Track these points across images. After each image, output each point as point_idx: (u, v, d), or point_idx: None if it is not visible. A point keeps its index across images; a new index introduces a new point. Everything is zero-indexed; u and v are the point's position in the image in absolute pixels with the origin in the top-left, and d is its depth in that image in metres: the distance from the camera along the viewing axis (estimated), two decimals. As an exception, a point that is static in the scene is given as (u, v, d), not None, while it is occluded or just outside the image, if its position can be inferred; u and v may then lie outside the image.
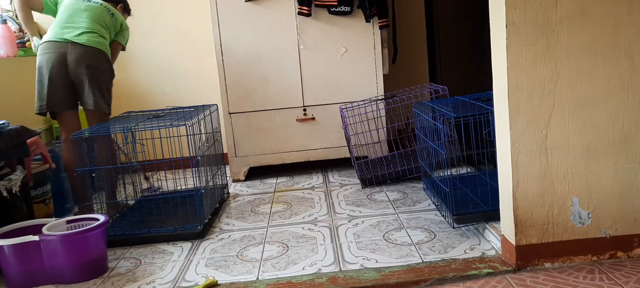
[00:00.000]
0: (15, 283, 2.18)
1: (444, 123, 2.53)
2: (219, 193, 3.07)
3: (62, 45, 2.88)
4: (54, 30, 2.93)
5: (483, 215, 2.36)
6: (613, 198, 1.95)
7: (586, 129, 1.91)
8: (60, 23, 2.95)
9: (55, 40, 2.90)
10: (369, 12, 3.42)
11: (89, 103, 2.94)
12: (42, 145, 2.87)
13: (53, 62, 2.86)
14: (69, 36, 2.90)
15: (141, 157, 2.95)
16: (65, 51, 2.88)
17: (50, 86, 2.87)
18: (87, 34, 2.94)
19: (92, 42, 2.93)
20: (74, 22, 2.95)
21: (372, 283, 1.96)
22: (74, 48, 2.89)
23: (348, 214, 2.75)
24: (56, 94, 2.89)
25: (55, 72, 2.86)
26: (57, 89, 2.88)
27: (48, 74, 2.86)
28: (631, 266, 1.93)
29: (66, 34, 2.91)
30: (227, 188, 3.25)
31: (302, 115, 3.56)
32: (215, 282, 2.07)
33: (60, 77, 2.87)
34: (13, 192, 2.41)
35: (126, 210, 2.98)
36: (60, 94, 2.90)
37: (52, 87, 2.87)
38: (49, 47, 2.89)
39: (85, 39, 2.91)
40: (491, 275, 1.95)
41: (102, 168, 2.78)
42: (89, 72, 2.91)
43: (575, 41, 1.86)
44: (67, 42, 2.89)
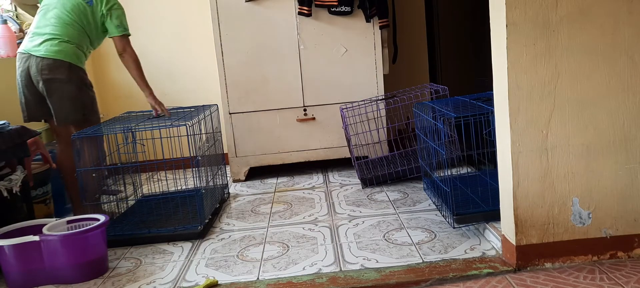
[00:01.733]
0: (16, 283, 2.18)
1: (444, 123, 2.53)
2: (220, 193, 3.07)
3: (26, 58, 2.76)
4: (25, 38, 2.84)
5: (483, 215, 2.36)
6: (613, 198, 1.95)
7: (586, 129, 1.91)
8: (31, 29, 2.83)
9: (21, 52, 2.79)
10: (369, 12, 3.42)
11: (55, 119, 2.79)
12: (42, 145, 2.87)
13: (21, 76, 2.78)
14: (30, 47, 2.75)
15: (141, 157, 2.91)
16: (28, 64, 2.75)
17: (25, 99, 2.81)
18: (47, 42, 2.74)
19: (50, 52, 2.72)
20: (40, 27, 2.79)
21: (372, 283, 1.96)
22: (34, 61, 2.73)
23: (348, 214, 2.75)
24: (32, 107, 2.82)
25: (25, 86, 2.78)
26: (31, 101, 2.80)
27: (20, 87, 2.80)
28: (632, 266, 1.93)
29: (29, 44, 2.77)
30: (227, 188, 3.25)
31: (303, 115, 3.56)
32: (216, 282, 2.07)
33: (30, 90, 2.78)
34: (13, 192, 2.41)
35: (127, 210, 2.97)
36: (36, 106, 2.81)
37: (26, 100, 2.81)
38: (18, 59, 2.81)
39: (44, 50, 2.72)
40: (491, 275, 1.95)
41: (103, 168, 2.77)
42: (47, 86, 2.73)
43: (576, 41, 1.86)
44: (28, 55, 2.75)
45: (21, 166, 2.53)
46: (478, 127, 2.49)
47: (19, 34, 3.57)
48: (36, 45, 2.74)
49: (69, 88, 2.76)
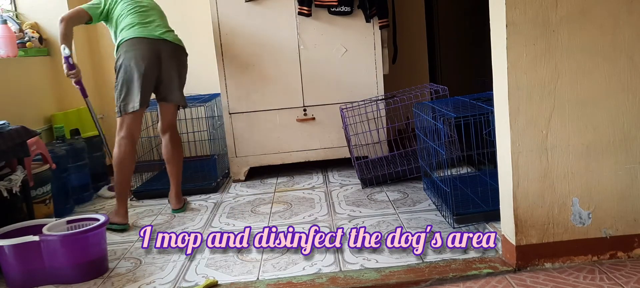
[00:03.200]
0: (16, 283, 2.18)
1: (444, 123, 2.53)
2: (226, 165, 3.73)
3: (155, 42, 2.80)
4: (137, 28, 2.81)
5: (483, 215, 2.36)
6: (613, 198, 1.95)
7: (586, 129, 1.91)
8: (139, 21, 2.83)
9: (147, 37, 2.79)
10: (369, 12, 3.42)
11: (179, 99, 2.95)
12: (42, 145, 2.87)
13: (148, 60, 2.76)
14: (158, 33, 2.83)
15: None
16: (159, 48, 2.81)
17: (145, 84, 2.76)
18: (169, 32, 2.92)
19: (178, 40, 2.93)
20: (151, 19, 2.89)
21: (372, 283, 1.96)
22: (166, 45, 2.83)
23: (348, 214, 2.75)
24: (148, 92, 2.81)
25: (150, 70, 2.77)
26: (149, 86, 2.81)
27: (143, 71, 2.74)
28: (631, 266, 1.93)
29: (155, 31, 2.83)
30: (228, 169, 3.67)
31: (302, 115, 3.56)
32: (216, 282, 2.07)
33: (153, 74, 2.80)
34: (13, 192, 2.41)
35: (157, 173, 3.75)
36: (150, 91, 2.84)
37: (146, 85, 2.77)
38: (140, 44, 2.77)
39: (172, 37, 2.90)
40: (491, 275, 1.95)
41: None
42: (180, 71, 2.93)
43: (575, 41, 1.86)
44: (159, 39, 2.82)
45: (21, 166, 2.53)
46: (478, 127, 2.49)
47: (19, 34, 3.57)
48: (162, 33, 2.85)
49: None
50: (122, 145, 2.78)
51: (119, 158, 2.78)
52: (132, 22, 2.83)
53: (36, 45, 3.62)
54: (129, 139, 2.79)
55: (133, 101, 2.75)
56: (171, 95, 2.91)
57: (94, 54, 4.07)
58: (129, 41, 2.77)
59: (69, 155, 3.26)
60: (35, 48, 3.61)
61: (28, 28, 3.67)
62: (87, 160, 3.46)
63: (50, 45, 3.78)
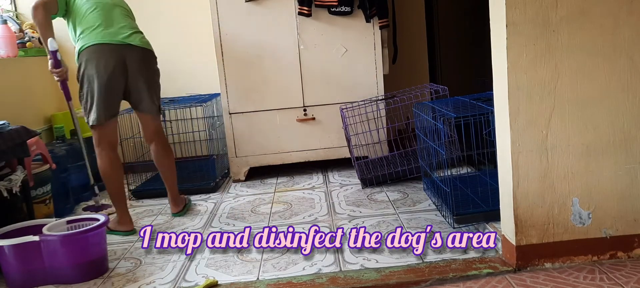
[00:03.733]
0: (16, 283, 2.18)
1: (444, 123, 2.53)
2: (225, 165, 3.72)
3: (120, 49, 2.60)
4: (99, 32, 2.59)
5: (483, 215, 2.36)
6: (613, 198, 1.95)
7: (586, 129, 1.91)
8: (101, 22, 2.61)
9: (110, 43, 2.59)
10: (369, 12, 3.42)
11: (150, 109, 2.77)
12: (42, 146, 2.87)
13: (111, 69, 2.57)
14: (121, 38, 2.62)
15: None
16: (124, 55, 2.61)
17: (109, 94, 2.60)
18: (136, 35, 2.70)
19: (145, 43, 2.73)
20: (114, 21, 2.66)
21: (372, 283, 1.96)
22: (132, 51, 2.63)
23: (348, 214, 2.75)
24: (115, 102, 2.66)
25: (115, 80, 2.60)
26: (116, 96, 2.66)
27: (105, 82, 2.57)
28: (631, 266, 1.92)
29: (118, 36, 2.62)
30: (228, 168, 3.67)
31: (302, 115, 3.56)
32: (216, 282, 2.07)
33: (118, 84, 2.63)
34: (13, 192, 2.41)
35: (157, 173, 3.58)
36: (117, 102, 2.68)
37: (111, 95, 2.62)
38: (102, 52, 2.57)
39: (139, 41, 2.69)
40: (491, 275, 1.95)
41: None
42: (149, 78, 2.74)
43: (576, 41, 1.86)
44: (124, 45, 2.61)
45: (21, 166, 2.53)
46: (478, 127, 2.49)
47: (19, 34, 3.58)
48: (126, 36, 2.64)
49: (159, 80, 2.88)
50: (103, 156, 2.68)
51: (103, 170, 2.69)
52: (93, 24, 2.59)
53: (36, 45, 3.62)
54: (108, 147, 2.68)
55: (97, 114, 2.60)
56: (141, 105, 2.75)
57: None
58: (90, 48, 2.56)
59: (69, 155, 3.26)
60: (35, 48, 3.61)
61: (28, 28, 3.67)
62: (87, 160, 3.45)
63: (50, 45, 3.78)
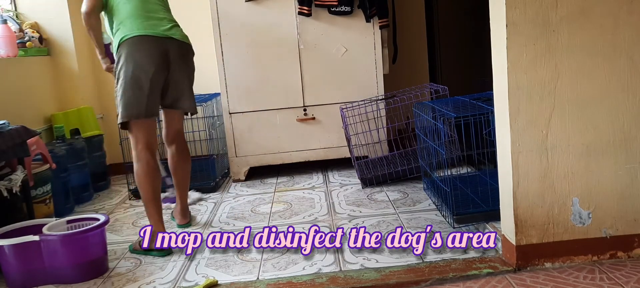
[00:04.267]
0: (15, 283, 2.18)
1: (444, 123, 2.53)
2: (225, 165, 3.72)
3: (162, 42, 2.42)
4: (140, 23, 2.41)
5: (483, 215, 2.36)
6: (613, 198, 1.95)
7: (586, 129, 1.91)
8: (139, 14, 2.43)
9: (153, 35, 2.41)
10: (369, 12, 3.42)
11: (189, 106, 2.61)
12: (42, 145, 2.87)
13: (156, 64, 2.40)
14: (163, 30, 2.44)
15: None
16: (167, 48, 2.43)
17: (152, 89, 2.40)
18: (176, 28, 2.53)
19: (184, 37, 2.55)
20: (152, 11, 2.48)
21: (372, 283, 1.96)
22: (173, 45, 2.45)
23: (348, 214, 2.75)
24: (157, 99, 2.45)
25: (158, 75, 2.42)
26: (158, 92, 2.45)
27: (151, 76, 2.38)
28: (631, 266, 1.93)
29: (160, 26, 2.44)
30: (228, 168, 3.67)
31: (302, 115, 3.56)
32: (216, 282, 2.07)
33: (160, 79, 2.44)
34: (13, 192, 2.41)
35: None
36: (158, 98, 2.47)
37: (153, 90, 2.41)
38: (145, 44, 2.39)
39: (179, 35, 2.51)
40: (491, 275, 1.95)
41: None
42: (190, 74, 2.60)
43: (576, 41, 1.86)
44: (166, 38, 2.43)
45: (21, 166, 2.53)
46: (478, 127, 2.49)
47: (19, 34, 3.57)
48: (167, 29, 2.47)
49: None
50: (140, 159, 2.43)
51: (137, 175, 2.44)
52: (132, 13, 2.42)
53: (36, 45, 3.62)
54: (149, 149, 2.44)
55: (139, 110, 2.38)
56: (180, 101, 2.56)
57: (93, 52, 4.06)
58: (131, 40, 2.38)
59: (69, 155, 3.26)
60: (35, 48, 3.61)
61: (28, 28, 3.67)
62: (87, 160, 3.46)
63: (50, 45, 3.78)
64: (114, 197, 3.50)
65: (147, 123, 2.44)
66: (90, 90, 3.98)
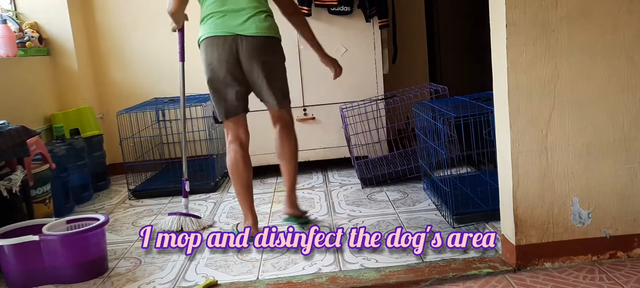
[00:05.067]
0: (15, 283, 2.18)
1: (444, 123, 2.53)
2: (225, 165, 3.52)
3: (231, 40, 2.38)
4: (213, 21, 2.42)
5: (483, 215, 2.36)
6: (613, 198, 1.95)
7: (586, 129, 1.91)
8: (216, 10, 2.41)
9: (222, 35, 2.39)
10: (369, 12, 3.42)
11: (269, 99, 2.55)
12: (42, 145, 2.87)
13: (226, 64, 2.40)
14: (233, 27, 2.39)
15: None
16: (236, 47, 2.39)
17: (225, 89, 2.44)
18: (251, 21, 2.40)
19: (261, 29, 2.42)
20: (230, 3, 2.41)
21: (372, 283, 1.96)
22: (242, 43, 2.39)
23: (348, 214, 2.75)
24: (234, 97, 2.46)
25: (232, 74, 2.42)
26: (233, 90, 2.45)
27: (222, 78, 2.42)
28: (631, 266, 1.93)
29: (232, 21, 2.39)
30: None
31: (302, 115, 3.56)
32: (215, 282, 2.07)
33: (236, 78, 2.43)
34: (13, 191, 2.41)
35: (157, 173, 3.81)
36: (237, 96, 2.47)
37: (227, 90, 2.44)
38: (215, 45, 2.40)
39: (255, 28, 2.40)
40: (491, 275, 1.95)
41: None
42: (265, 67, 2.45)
43: (575, 41, 1.86)
44: (235, 36, 2.38)
45: (21, 166, 2.53)
46: (478, 127, 2.49)
47: (19, 34, 3.57)
48: (239, 25, 2.39)
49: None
50: (231, 151, 2.51)
51: (228, 166, 2.53)
52: (209, 12, 2.42)
53: (36, 44, 3.62)
54: (238, 142, 2.51)
55: (221, 112, 2.48)
56: (261, 95, 2.55)
57: (93, 52, 4.07)
58: (205, 41, 2.42)
59: (69, 155, 3.26)
60: (35, 48, 3.61)
61: (28, 28, 3.67)
62: (87, 160, 3.46)
63: (50, 45, 3.78)
64: (114, 197, 3.50)
65: (232, 120, 2.51)
66: (90, 90, 3.98)
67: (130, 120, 3.52)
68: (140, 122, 3.62)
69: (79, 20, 3.93)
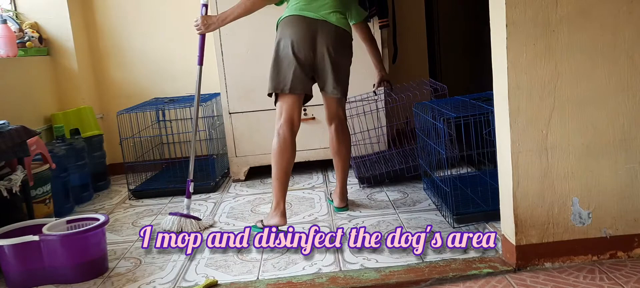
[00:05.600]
0: (15, 283, 2.18)
1: (444, 123, 2.53)
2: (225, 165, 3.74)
3: (314, 23, 2.51)
4: (302, 5, 2.54)
5: (483, 215, 2.36)
6: (613, 198, 1.95)
7: (586, 129, 1.91)
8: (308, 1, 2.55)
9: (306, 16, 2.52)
10: (369, 12, 3.41)
11: (331, 91, 2.61)
12: (42, 145, 2.87)
13: (303, 41, 2.50)
14: (320, 13, 2.53)
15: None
16: (316, 30, 2.51)
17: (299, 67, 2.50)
18: (335, 13, 2.56)
19: (341, 23, 2.58)
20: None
21: (372, 283, 1.96)
22: (324, 27, 2.52)
23: (348, 214, 2.75)
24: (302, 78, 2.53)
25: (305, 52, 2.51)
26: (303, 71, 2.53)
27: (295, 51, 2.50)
28: (631, 266, 1.93)
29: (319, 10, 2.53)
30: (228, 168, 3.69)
31: (303, 115, 3.55)
32: (216, 282, 2.07)
33: (308, 58, 2.52)
34: (13, 191, 2.41)
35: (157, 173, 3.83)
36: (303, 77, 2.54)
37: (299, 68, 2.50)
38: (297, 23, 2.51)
39: (336, 19, 2.55)
40: (491, 275, 1.95)
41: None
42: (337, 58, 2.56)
43: (576, 41, 1.86)
44: (319, 20, 2.52)
45: (21, 166, 2.53)
46: (478, 127, 2.49)
47: (19, 34, 3.57)
48: (327, 13, 2.54)
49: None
50: (280, 133, 2.52)
51: (276, 147, 2.52)
52: (298, 1, 2.56)
53: (36, 45, 3.62)
54: (288, 125, 2.52)
55: (283, 82, 2.50)
56: (325, 85, 2.60)
57: (93, 52, 4.07)
58: (287, 18, 2.54)
59: (69, 155, 3.26)
60: (35, 48, 3.61)
61: (28, 28, 3.67)
62: (87, 160, 3.46)
63: (50, 45, 3.78)
64: (114, 197, 3.50)
65: (291, 99, 2.53)
66: (90, 90, 3.98)
67: (130, 120, 3.52)
68: (140, 122, 3.62)
69: (79, 20, 3.93)
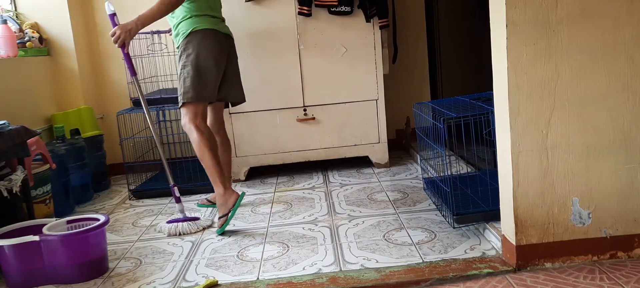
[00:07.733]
0: (16, 283, 2.18)
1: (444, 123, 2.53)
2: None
3: (225, 39, 2.81)
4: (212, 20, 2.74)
5: (483, 215, 2.36)
6: (613, 198, 1.95)
7: (586, 129, 1.91)
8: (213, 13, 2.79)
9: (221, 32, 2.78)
10: (369, 12, 3.42)
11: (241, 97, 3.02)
12: (42, 145, 2.87)
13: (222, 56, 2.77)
14: (226, 30, 2.85)
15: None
16: (229, 45, 2.86)
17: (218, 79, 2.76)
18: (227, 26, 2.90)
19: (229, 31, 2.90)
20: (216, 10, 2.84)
21: (372, 283, 1.96)
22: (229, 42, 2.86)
23: (348, 214, 2.76)
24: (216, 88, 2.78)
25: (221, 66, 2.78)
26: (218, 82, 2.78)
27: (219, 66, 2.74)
28: (631, 266, 1.93)
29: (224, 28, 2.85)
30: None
31: (302, 115, 3.56)
32: (216, 282, 2.07)
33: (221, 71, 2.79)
34: (13, 192, 2.41)
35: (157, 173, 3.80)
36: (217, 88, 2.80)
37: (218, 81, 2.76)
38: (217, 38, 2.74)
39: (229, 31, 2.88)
40: (491, 275, 1.95)
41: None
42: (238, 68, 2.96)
43: (576, 41, 1.86)
44: (227, 36, 2.84)
45: (21, 166, 2.53)
46: (478, 127, 2.49)
47: (19, 34, 3.57)
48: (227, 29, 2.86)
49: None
50: (201, 127, 2.66)
51: (198, 142, 2.65)
52: (205, 12, 2.72)
53: (36, 45, 3.62)
54: (205, 125, 2.71)
55: (208, 92, 2.70)
56: (233, 93, 2.92)
57: (93, 52, 4.07)
58: (205, 31, 2.69)
59: (69, 155, 3.26)
60: (35, 48, 3.61)
61: (28, 28, 3.67)
62: (87, 160, 3.46)
63: (50, 45, 3.78)
64: (114, 197, 3.50)
65: (204, 105, 2.73)
66: (90, 90, 3.98)
67: (130, 121, 3.52)
68: (140, 122, 3.62)
69: (79, 20, 3.92)
